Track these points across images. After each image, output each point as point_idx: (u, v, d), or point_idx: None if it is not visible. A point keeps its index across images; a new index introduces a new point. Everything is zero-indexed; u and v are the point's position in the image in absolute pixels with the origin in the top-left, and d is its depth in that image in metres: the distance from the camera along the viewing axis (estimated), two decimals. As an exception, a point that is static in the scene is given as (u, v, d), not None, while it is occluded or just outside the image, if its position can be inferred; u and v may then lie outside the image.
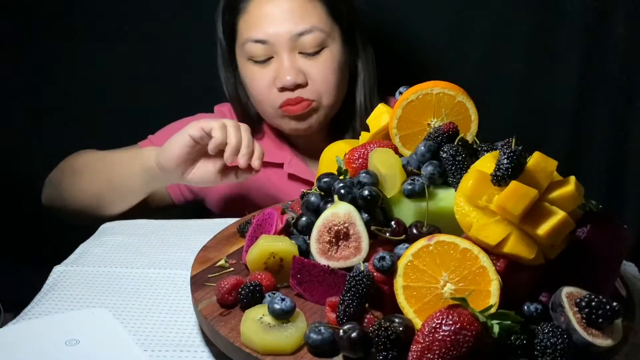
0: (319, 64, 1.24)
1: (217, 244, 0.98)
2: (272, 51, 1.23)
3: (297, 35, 1.22)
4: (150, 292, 0.96)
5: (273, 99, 1.26)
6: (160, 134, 1.36)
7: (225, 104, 1.41)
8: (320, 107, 1.27)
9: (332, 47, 1.26)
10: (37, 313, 0.91)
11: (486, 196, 0.73)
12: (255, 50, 1.24)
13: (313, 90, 1.25)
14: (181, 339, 0.85)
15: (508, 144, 0.73)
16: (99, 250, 1.09)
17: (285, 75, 1.22)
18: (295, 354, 0.71)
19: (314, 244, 0.83)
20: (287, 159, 1.35)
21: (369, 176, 0.85)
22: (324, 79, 1.25)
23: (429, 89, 0.91)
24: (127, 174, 1.21)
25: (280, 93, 1.25)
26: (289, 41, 1.22)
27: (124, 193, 1.24)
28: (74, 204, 1.28)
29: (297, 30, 1.21)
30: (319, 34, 1.23)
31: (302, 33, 1.22)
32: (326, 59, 1.25)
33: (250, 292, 0.78)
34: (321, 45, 1.24)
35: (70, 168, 1.29)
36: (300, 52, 1.24)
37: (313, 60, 1.24)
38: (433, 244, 0.73)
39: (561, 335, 0.68)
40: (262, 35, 1.22)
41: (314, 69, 1.24)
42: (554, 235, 0.72)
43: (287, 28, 1.21)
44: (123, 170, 1.22)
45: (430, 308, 0.71)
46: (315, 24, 1.23)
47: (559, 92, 1.55)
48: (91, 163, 1.27)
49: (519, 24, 1.53)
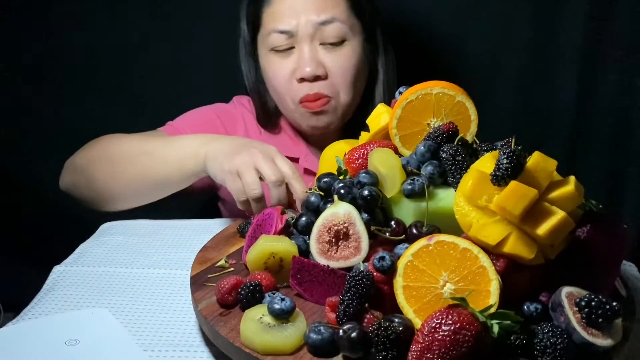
0: (339, 57, 1.26)
1: (217, 244, 0.98)
2: (294, 41, 1.25)
3: (319, 24, 1.23)
4: (150, 292, 0.96)
5: (293, 92, 1.27)
6: (181, 121, 1.34)
7: (244, 96, 1.42)
8: (338, 105, 1.28)
9: (352, 41, 1.27)
10: (37, 313, 0.91)
11: (486, 196, 0.73)
12: (278, 40, 1.25)
13: (331, 85, 1.26)
14: (181, 339, 0.85)
15: (508, 144, 0.73)
16: (99, 250, 1.10)
17: (305, 66, 1.23)
18: (295, 354, 0.71)
19: (314, 244, 0.83)
20: (303, 153, 1.36)
21: (368, 176, 0.85)
22: (343, 73, 1.26)
23: (429, 89, 0.91)
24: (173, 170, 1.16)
25: (300, 85, 1.25)
26: (310, 30, 1.23)
27: (165, 187, 1.20)
28: (106, 192, 1.23)
29: (319, 20, 1.23)
30: (340, 25, 1.24)
31: (323, 22, 1.23)
32: (346, 53, 1.26)
33: (250, 292, 0.79)
34: (342, 38, 1.25)
35: (108, 155, 1.23)
36: (322, 43, 1.25)
37: (333, 54, 1.25)
38: (433, 244, 0.73)
39: (561, 335, 0.68)
40: (286, 26, 1.24)
41: (333, 62, 1.25)
42: (554, 235, 0.72)
43: (309, 17, 1.23)
44: (169, 166, 1.16)
45: (430, 308, 0.71)
46: (336, 15, 1.24)
47: (559, 92, 1.55)
48: (133, 155, 1.20)
49: (519, 24, 1.53)
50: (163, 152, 1.17)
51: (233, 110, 1.40)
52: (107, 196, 1.23)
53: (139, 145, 1.21)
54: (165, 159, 1.16)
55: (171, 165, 1.15)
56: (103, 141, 1.26)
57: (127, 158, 1.20)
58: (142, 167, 1.18)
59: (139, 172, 1.18)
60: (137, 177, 1.19)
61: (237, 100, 1.42)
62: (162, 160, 1.16)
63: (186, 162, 1.13)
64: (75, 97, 1.68)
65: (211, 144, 1.11)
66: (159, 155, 1.17)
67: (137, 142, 1.23)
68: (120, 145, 1.23)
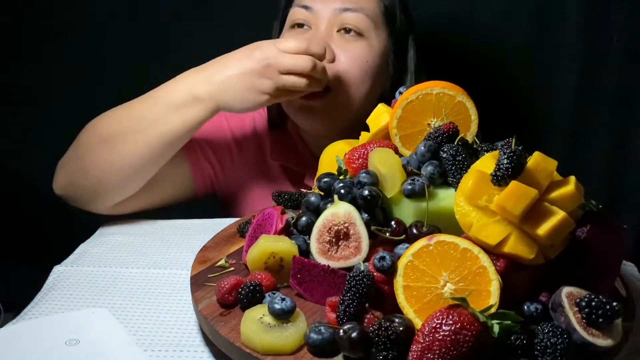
0: (352, 48, 1.21)
1: (217, 244, 0.98)
2: (313, 21, 1.22)
3: (342, 10, 1.21)
4: (150, 292, 0.96)
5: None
6: None
7: None
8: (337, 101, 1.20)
9: (372, 41, 1.22)
10: (37, 313, 0.91)
11: (486, 196, 0.73)
12: (298, 14, 1.23)
13: (334, 71, 1.19)
14: (181, 339, 0.85)
15: (508, 144, 0.73)
16: (99, 250, 1.10)
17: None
18: (295, 354, 0.71)
19: (314, 244, 0.83)
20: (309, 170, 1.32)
21: (369, 176, 0.85)
22: (351, 64, 1.20)
23: (429, 89, 0.91)
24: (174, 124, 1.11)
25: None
26: (331, 13, 1.21)
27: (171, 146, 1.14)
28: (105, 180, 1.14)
29: (343, 6, 1.21)
30: (363, 17, 1.21)
31: (347, 9, 1.21)
32: (361, 48, 1.21)
33: (250, 292, 0.79)
34: (361, 31, 1.21)
35: (98, 138, 1.15)
36: (339, 31, 1.21)
37: (348, 44, 1.21)
38: (433, 244, 0.73)
39: (561, 335, 0.68)
40: (309, 2, 1.22)
41: (346, 52, 1.20)
42: (554, 235, 0.72)
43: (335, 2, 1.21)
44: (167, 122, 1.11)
45: (430, 308, 0.71)
46: (363, 7, 1.22)
47: (559, 93, 1.56)
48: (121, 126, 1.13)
49: (519, 23, 1.54)
50: (154, 112, 1.11)
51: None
52: (107, 184, 1.15)
53: (126, 116, 1.14)
54: (160, 118, 1.10)
55: (170, 121, 1.10)
56: (89, 128, 1.18)
57: (120, 133, 1.12)
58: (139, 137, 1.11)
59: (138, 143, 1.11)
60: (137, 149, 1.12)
61: None
62: (159, 120, 1.10)
63: (188, 111, 1.09)
64: (76, 96, 1.68)
65: (205, 78, 1.10)
66: (151, 116, 1.11)
67: (120, 114, 1.15)
68: (109, 124, 1.15)
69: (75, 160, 1.19)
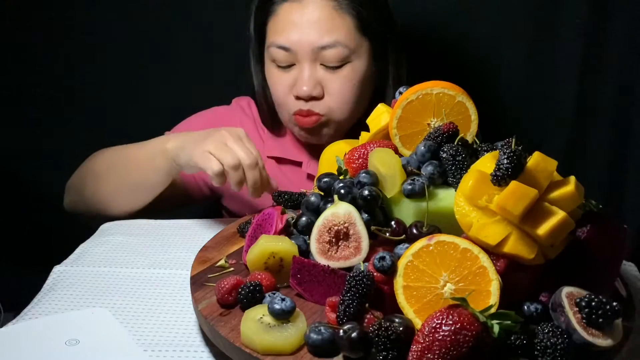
0: (339, 78, 1.23)
1: (217, 244, 0.98)
2: (294, 59, 1.23)
3: (320, 48, 1.21)
4: (150, 292, 0.96)
5: (289, 105, 1.25)
6: (178, 129, 1.35)
7: (244, 98, 1.41)
8: (330, 122, 1.26)
9: (355, 62, 1.24)
10: (37, 313, 0.90)
11: (486, 196, 0.73)
12: (278, 55, 1.23)
13: (325, 105, 1.24)
14: (181, 339, 0.85)
15: (508, 144, 0.73)
16: (99, 250, 1.09)
17: (302, 85, 1.22)
18: (295, 354, 0.71)
19: (314, 244, 0.83)
20: (306, 159, 1.35)
21: (369, 176, 0.85)
22: (341, 94, 1.24)
23: (429, 89, 0.91)
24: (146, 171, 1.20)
25: (296, 101, 1.24)
26: (311, 52, 1.21)
27: (147, 189, 1.23)
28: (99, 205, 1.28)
29: (320, 43, 1.20)
30: (342, 49, 1.21)
31: (325, 47, 1.20)
32: (347, 75, 1.23)
33: (250, 292, 0.78)
34: (344, 61, 1.22)
35: (92, 172, 1.29)
36: (322, 64, 1.23)
37: (333, 74, 1.23)
38: (433, 244, 0.73)
39: (561, 335, 0.68)
40: (286, 42, 1.22)
41: (332, 83, 1.23)
42: (554, 235, 0.72)
43: (311, 39, 1.20)
44: (142, 167, 1.20)
45: (430, 308, 0.71)
46: (340, 40, 1.21)
47: (559, 92, 1.55)
48: (111, 164, 1.27)
49: (519, 23, 1.53)
50: (136, 157, 1.21)
51: (230, 115, 1.39)
52: (101, 209, 1.27)
53: (117, 155, 1.27)
54: (138, 163, 1.21)
55: (144, 167, 1.20)
56: (89, 159, 1.32)
57: (107, 170, 1.26)
58: (121, 174, 1.23)
59: (119, 181, 1.24)
60: (118, 186, 1.24)
61: (235, 103, 1.41)
62: (136, 165, 1.21)
63: (156, 161, 1.17)
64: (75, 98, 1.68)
65: (177, 138, 1.15)
66: (132, 160, 1.22)
67: (114, 152, 1.28)
68: (102, 160, 1.29)
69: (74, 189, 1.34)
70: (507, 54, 1.56)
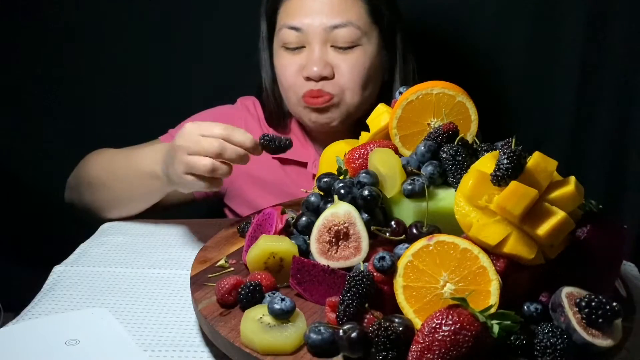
0: (349, 59, 1.24)
1: (217, 244, 0.98)
2: (305, 40, 1.24)
3: (331, 28, 1.22)
4: (150, 292, 0.96)
5: (298, 87, 1.26)
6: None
7: (250, 97, 1.41)
8: (341, 103, 1.26)
9: (366, 47, 1.25)
10: (37, 313, 0.91)
11: (486, 196, 0.73)
12: (289, 36, 1.24)
13: (336, 85, 1.24)
14: (181, 339, 0.85)
15: (508, 144, 0.73)
16: (99, 250, 1.10)
17: (313, 65, 1.22)
18: (295, 354, 0.71)
19: (314, 244, 0.83)
20: (312, 159, 1.35)
21: (369, 176, 0.85)
22: (350, 75, 1.24)
23: (429, 89, 0.91)
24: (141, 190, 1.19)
25: (305, 82, 1.25)
26: (322, 32, 1.22)
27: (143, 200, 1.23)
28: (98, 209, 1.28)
29: (331, 23, 1.22)
30: (353, 29, 1.23)
31: (336, 26, 1.22)
32: (357, 57, 1.24)
33: (250, 292, 0.79)
34: (354, 43, 1.24)
35: (88, 183, 1.28)
36: (333, 46, 1.24)
37: (343, 55, 1.24)
38: (433, 244, 0.73)
39: (561, 335, 0.68)
40: (298, 23, 1.23)
41: (342, 63, 1.24)
42: (554, 235, 0.72)
43: (322, 19, 1.22)
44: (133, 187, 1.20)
45: (430, 308, 0.71)
46: (351, 20, 1.23)
47: (559, 92, 1.55)
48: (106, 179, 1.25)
49: (519, 23, 1.53)
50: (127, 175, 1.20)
51: (234, 114, 1.38)
52: (100, 214, 1.27)
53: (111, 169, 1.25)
54: (131, 184, 1.19)
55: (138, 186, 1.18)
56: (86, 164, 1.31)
57: (100, 183, 1.25)
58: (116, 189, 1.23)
59: (114, 194, 1.23)
60: (115, 197, 1.24)
61: (241, 102, 1.41)
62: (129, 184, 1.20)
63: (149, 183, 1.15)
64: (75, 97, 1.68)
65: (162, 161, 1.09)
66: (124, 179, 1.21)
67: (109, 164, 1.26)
68: (97, 170, 1.28)
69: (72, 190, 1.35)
70: (507, 54, 1.56)
